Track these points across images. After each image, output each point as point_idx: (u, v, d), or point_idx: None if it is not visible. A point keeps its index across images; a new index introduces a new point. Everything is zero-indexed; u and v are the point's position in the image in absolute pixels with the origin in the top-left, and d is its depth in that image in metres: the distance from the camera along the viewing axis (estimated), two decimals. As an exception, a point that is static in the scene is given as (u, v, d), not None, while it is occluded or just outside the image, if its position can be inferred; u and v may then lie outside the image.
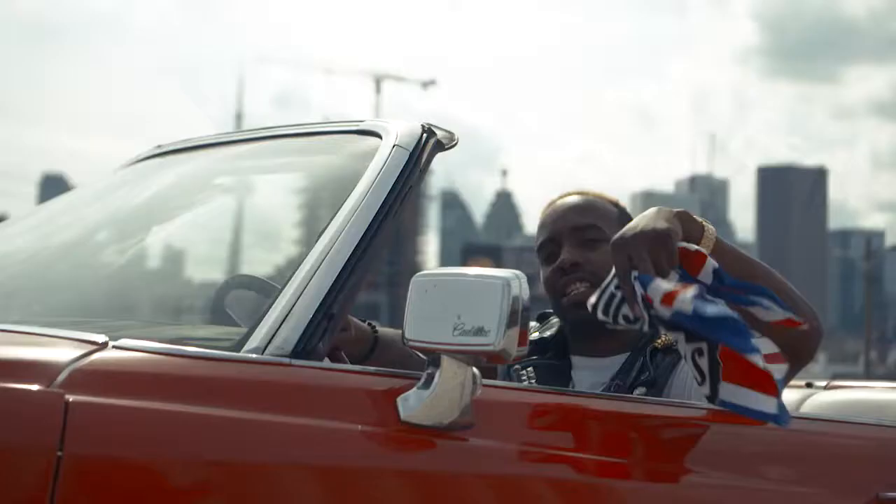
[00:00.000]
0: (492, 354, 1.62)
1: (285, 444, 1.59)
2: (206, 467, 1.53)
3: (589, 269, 2.40)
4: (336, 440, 1.62)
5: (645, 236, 1.95)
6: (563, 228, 2.46)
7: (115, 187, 2.52)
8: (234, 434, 1.55)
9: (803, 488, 2.08)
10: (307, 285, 1.73)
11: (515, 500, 1.77)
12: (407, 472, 1.68)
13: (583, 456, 1.84)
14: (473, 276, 1.65)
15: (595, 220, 2.46)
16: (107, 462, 1.47)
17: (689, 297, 1.83)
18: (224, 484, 1.55)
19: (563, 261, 2.42)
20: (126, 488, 1.47)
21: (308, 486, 1.60)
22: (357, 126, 2.11)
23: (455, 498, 1.72)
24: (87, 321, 1.86)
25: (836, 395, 3.19)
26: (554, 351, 2.50)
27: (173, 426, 1.52)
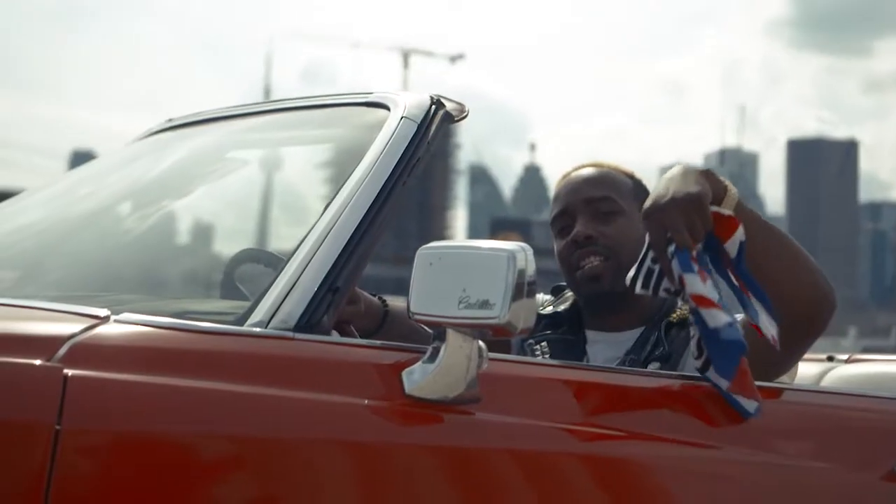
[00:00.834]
0: (497, 327, 1.60)
1: (288, 418, 1.57)
2: (207, 442, 1.52)
3: (603, 243, 2.38)
4: (340, 414, 1.61)
5: (679, 203, 1.93)
6: (576, 201, 2.44)
7: (126, 161, 2.52)
8: (236, 408, 1.54)
9: (818, 462, 2.06)
10: (312, 258, 1.71)
11: (522, 475, 1.75)
12: (412, 446, 1.67)
13: (592, 430, 1.82)
14: (478, 248, 1.64)
15: (609, 193, 2.44)
16: (105, 436, 1.45)
17: (722, 322, 1.87)
18: (226, 458, 1.54)
19: (577, 234, 2.39)
20: (125, 463, 1.46)
21: (311, 460, 1.58)
22: (366, 98, 2.10)
23: (461, 472, 1.70)
24: (93, 295, 1.85)
25: (858, 368, 3.15)
26: (568, 325, 2.48)
27: (173, 400, 1.50)
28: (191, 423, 1.51)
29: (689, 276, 1.89)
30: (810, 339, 2.18)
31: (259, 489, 1.54)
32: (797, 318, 2.09)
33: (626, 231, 2.40)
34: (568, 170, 2.55)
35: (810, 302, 2.13)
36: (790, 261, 2.11)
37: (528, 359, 2.23)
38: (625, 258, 2.37)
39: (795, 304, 2.07)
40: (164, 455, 1.48)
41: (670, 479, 1.90)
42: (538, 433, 1.76)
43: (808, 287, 2.12)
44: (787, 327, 2.05)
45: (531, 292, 1.62)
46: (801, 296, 2.10)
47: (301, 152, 2.45)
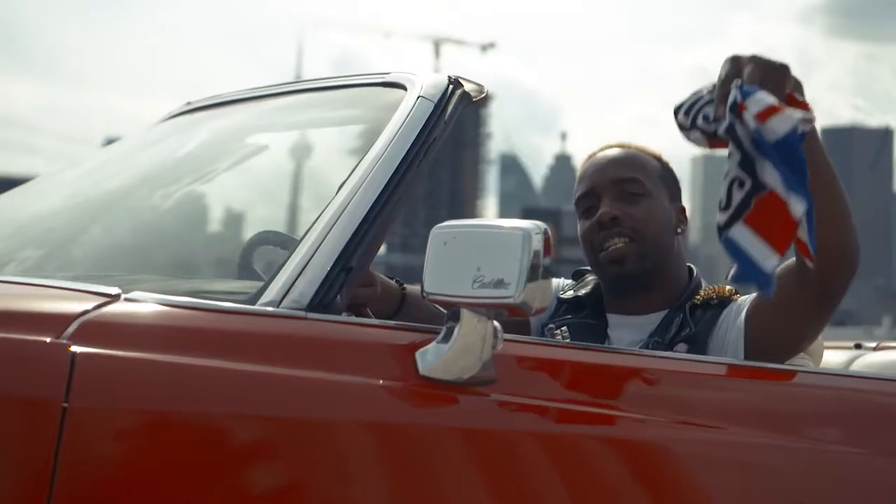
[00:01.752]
0: (512, 307, 1.58)
1: (300, 398, 1.56)
2: (217, 421, 1.50)
3: (628, 224, 2.35)
4: (353, 394, 1.59)
5: (765, 62, 1.90)
6: (602, 181, 2.41)
7: (147, 144, 2.51)
8: (246, 388, 1.52)
9: (844, 447, 2.04)
10: (325, 237, 1.69)
11: (538, 457, 1.73)
12: (426, 427, 1.65)
13: (608, 412, 1.80)
14: (493, 227, 1.62)
15: (636, 174, 2.41)
16: (113, 414, 1.44)
17: (796, 117, 1.81)
18: (236, 438, 1.52)
19: (602, 214, 2.36)
20: (132, 441, 1.45)
21: (324, 440, 1.56)
22: (383, 78, 2.08)
23: (476, 454, 1.68)
24: (109, 275, 1.85)
25: (886, 355, 3.11)
26: (590, 309, 2.45)
27: (183, 379, 1.49)
28: (200, 403, 1.49)
29: (756, 96, 1.84)
30: (831, 298, 2.12)
31: (270, 469, 1.53)
32: (825, 264, 2.02)
33: (652, 213, 2.37)
34: (594, 150, 2.52)
35: (842, 250, 2.06)
36: (836, 202, 2.05)
37: (545, 339, 2.20)
38: (650, 241, 2.35)
39: (828, 247, 2.01)
40: (171, 434, 1.47)
41: (692, 463, 1.88)
42: (554, 415, 1.74)
43: (844, 234, 2.06)
44: (810, 281, 2.03)
45: (547, 271, 1.60)
46: (836, 240, 2.04)
47: (319, 134, 2.44)
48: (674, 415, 1.87)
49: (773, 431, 1.94)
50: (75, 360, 1.42)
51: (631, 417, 1.81)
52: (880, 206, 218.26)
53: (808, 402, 2.08)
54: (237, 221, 2.55)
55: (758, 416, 1.96)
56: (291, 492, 1.54)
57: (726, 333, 2.24)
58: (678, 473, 1.87)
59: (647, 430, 1.82)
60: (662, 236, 2.39)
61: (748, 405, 1.98)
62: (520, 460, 1.71)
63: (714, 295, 2.34)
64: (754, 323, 2.21)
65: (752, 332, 2.20)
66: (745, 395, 2.03)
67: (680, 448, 1.86)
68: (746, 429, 1.92)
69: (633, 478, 1.82)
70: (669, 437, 1.85)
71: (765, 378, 2.08)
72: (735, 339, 2.22)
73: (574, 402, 1.77)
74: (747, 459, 1.91)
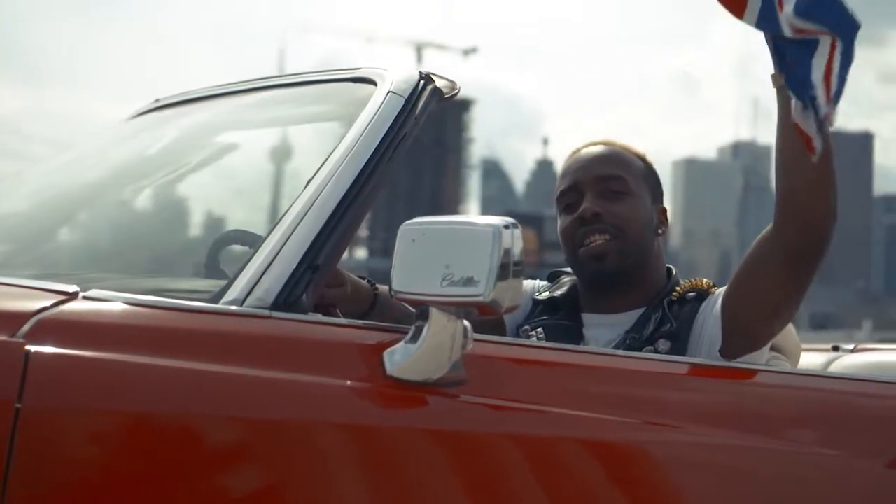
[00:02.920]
0: (482, 305, 1.54)
1: (263, 398, 1.52)
2: (175, 422, 1.46)
3: (610, 221, 2.32)
4: (318, 395, 1.55)
5: None
6: (586, 178, 2.38)
7: (114, 142, 2.47)
8: (207, 388, 1.48)
9: (822, 449, 2.01)
10: (291, 235, 1.66)
11: (509, 460, 1.69)
12: (394, 428, 1.61)
13: (581, 414, 1.76)
14: (462, 223, 1.58)
15: (620, 172, 2.38)
16: (68, 415, 1.40)
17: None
18: (196, 439, 1.48)
19: (585, 210, 2.33)
20: (88, 442, 1.41)
21: (287, 442, 1.52)
22: (353, 74, 2.04)
23: (445, 456, 1.65)
24: (70, 273, 1.80)
25: (864, 357, 3.09)
26: (565, 310, 2.42)
27: (141, 379, 1.45)
28: (159, 403, 1.45)
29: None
30: (803, 261, 2.09)
31: (232, 470, 1.49)
32: (796, 220, 2.03)
33: (634, 212, 2.35)
34: (579, 146, 2.49)
35: (815, 208, 2.05)
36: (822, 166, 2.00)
37: (516, 340, 2.17)
38: (631, 239, 2.32)
39: (800, 204, 2.03)
40: (129, 435, 1.43)
41: (665, 466, 1.85)
42: (525, 416, 1.71)
43: (819, 193, 2.04)
44: (782, 244, 2.04)
45: (518, 268, 1.56)
46: (810, 198, 2.04)
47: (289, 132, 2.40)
48: (646, 416, 1.84)
49: (747, 433, 1.91)
50: (30, 360, 1.38)
51: (603, 419, 1.78)
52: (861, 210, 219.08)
53: (784, 404, 2.05)
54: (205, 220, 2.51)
55: (732, 417, 1.93)
56: (254, 494, 1.50)
57: (703, 325, 2.22)
58: (650, 475, 1.83)
59: (620, 432, 1.79)
60: (643, 235, 2.36)
61: (722, 406, 1.95)
62: (490, 462, 1.67)
63: (691, 288, 2.32)
64: (729, 303, 2.19)
65: (728, 313, 2.18)
66: (720, 395, 2.00)
67: (653, 450, 1.83)
68: (720, 430, 1.89)
69: (605, 480, 1.78)
70: (642, 438, 1.82)
71: (740, 378, 2.06)
72: (712, 327, 2.20)
73: (545, 403, 1.74)
74: (720, 461, 1.89)
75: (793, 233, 2.05)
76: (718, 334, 2.17)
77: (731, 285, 2.22)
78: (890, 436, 2.05)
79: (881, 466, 2.00)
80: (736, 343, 2.15)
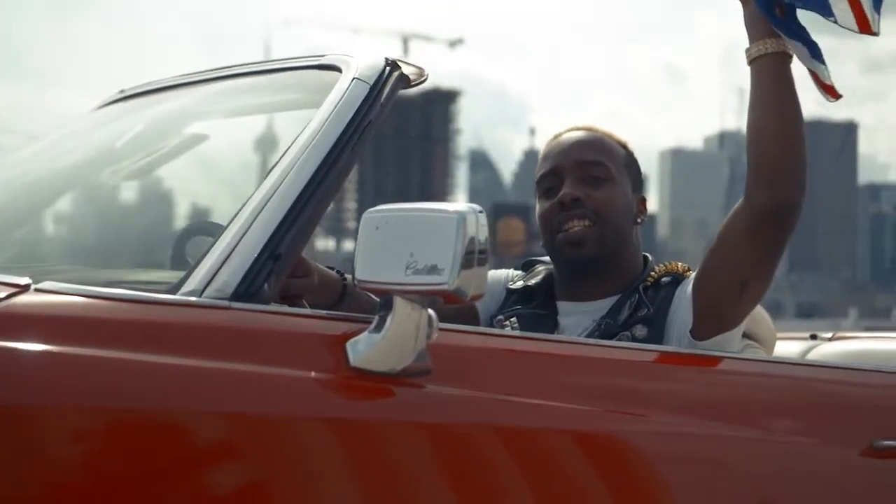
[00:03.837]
0: (446, 294, 1.52)
1: (223, 391, 1.48)
2: (131, 417, 1.42)
3: (590, 207, 2.29)
4: (280, 387, 1.52)
5: None
6: (567, 162, 2.35)
7: (78, 134, 2.43)
8: (164, 381, 1.45)
9: (796, 437, 2.00)
10: (252, 224, 1.62)
11: (475, 451, 1.66)
12: (358, 420, 1.58)
13: (551, 403, 1.73)
14: (426, 210, 1.55)
15: (602, 158, 2.35)
16: (18, 411, 1.36)
17: None
18: (152, 434, 1.43)
19: (565, 195, 2.30)
20: (39, 438, 1.36)
21: (247, 436, 1.49)
22: (318, 61, 2.01)
23: (411, 448, 1.61)
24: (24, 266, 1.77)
25: (842, 345, 3.07)
26: (540, 299, 2.39)
27: (95, 373, 1.41)
28: (114, 397, 1.41)
29: None
30: (769, 230, 2.09)
31: (190, 465, 1.45)
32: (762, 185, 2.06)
33: (614, 199, 2.32)
34: (560, 130, 2.46)
35: (788, 175, 2.07)
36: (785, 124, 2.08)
37: (483, 329, 2.13)
38: (610, 226, 2.29)
39: (768, 167, 2.07)
40: (82, 430, 1.39)
41: (635, 455, 1.83)
42: (493, 406, 1.68)
43: (786, 158, 2.08)
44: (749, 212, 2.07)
45: (483, 255, 1.53)
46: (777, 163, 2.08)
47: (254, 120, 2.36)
48: (618, 405, 1.81)
49: (721, 421, 1.89)
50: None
51: (572, 408, 1.75)
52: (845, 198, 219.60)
53: (758, 392, 2.03)
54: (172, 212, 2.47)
55: (705, 405, 1.91)
56: (214, 488, 1.46)
57: (677, 307, 2.20)
58: (623, 465, 1.81)
59: (590, 422, 1.76)
60: (623, 223, 2.33)
61: (695, 395, 1.94)
62: (456, 453, 1.64)
63: (666, 272, 2.29)
64: (699, 283, 2.18)
65: (698, 292, 2.17)
66: (693, 384, 1.98)
67: (625, 439, 1.81)
68: (693, 419, 1.87)
69: (575, 471, 1.76)
70: (614, 428, 1.79)
71: (713, 366, 2.04)
72: (685, 308, 2.18)
73: (513, 393, 1.71)
74: (694, 450, 1.87)
75: (763, 196, 2.06)
76: (690, 315, 2.15)
77: (701, 264, 2.20)
78: (863, 424, 2.04)
79: (855, 454, 1.99)
80: (707, 323, 2.13)
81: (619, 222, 2.32)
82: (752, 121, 2.10)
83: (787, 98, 2.09)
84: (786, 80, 2.10)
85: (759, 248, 2.09)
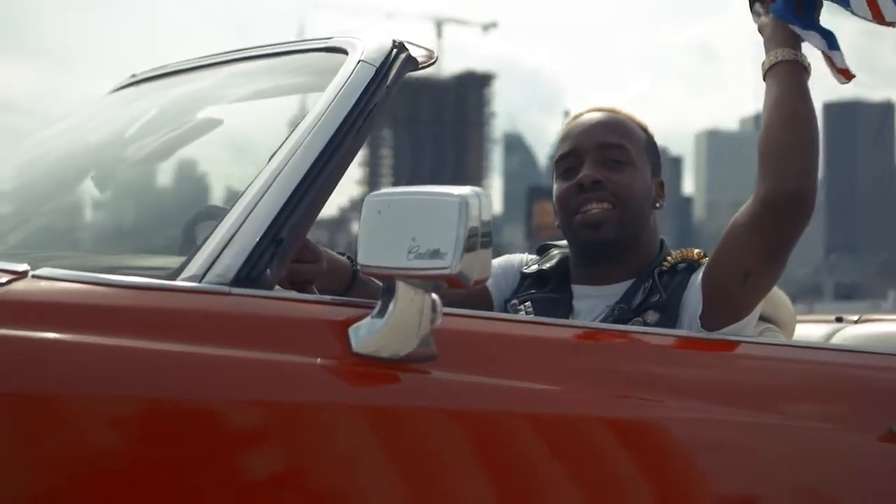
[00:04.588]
0: (449, 278, 1.49)
1: (223, 378, 1.46)
2: (130, 405, 1.40)
3: (611, 189, 2.26)
4: (281, 374, 1.50)
5: None
6: (587, 144, 2.32)
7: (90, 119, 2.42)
8: (163, 368, 1.43)
9: (812, 422, 1.96)
10: (255, 208, 1.60)
11: (482, 437, 1.64)
12: (360, 407, 1.56)
13: (554, 388, 1.71)
14: (428, 194, 1.52)
15: (623, 141, 2.32)
16: (15, 398, 1.34)
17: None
18: (152, 422, 1.42)
19: (584, 177, 2.28)
20: (36, 426, 1.35)
21: (249, 423, 1.47)
22: (325, 43, 1.99)
23: (416, 434, 1.59)
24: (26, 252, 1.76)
25: (867, 328, 3.02)
26: (555, 283, 2.36)
27: (93, 360, 1.39)
28: (113, 385, 1.39)
29: None
30: (774, 230, 2.08)
31: (189, 453, 1.43)
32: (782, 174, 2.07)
33: (634, 182, 2.30)
34: (581, 111, 2.43)
35: (800, 164, 2.08)
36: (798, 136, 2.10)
37: (489, 313, 2.11)
38: (629, 210, 2.27)
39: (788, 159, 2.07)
40: (80, 418, 1.37)
41: (647, 441, 1.80)
42: (498, 393, 1.65)
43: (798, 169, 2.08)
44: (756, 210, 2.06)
45: (487, 239, 1.50)
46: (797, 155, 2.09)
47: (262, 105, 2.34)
48: (631, 391, 1.79)
49: (736, 406, 1.87)
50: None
51: (588, 395, 1.73)
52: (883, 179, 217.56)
53: (775, 376, 2.00)
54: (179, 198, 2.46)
55: (720, 390, 1.88)
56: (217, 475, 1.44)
57: (689, 294, 2.17)
58: (634, 452, 1.78)
59: (600, 408, 1.74)
60: (642, 207, 2.31)
61: (710, 379, 1.91)
62: (462, 440, 1.62)
63: (682, 259, 2.26)
64: (709, 270, 2.16)
65: (707, 280, 2.15)
66: (707, 369, 1.95)
67: (636, 425, 1.78)
68: (707, 404, 1.84)
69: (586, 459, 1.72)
70: (625, 413, 1.77)
71: (729, 350, 2.01)
72: (695, 295, 2.15)
73: (521, 379, 1.68)
74: (708, 436, 1.84)
75: (767, 186, 2.06)
76: (700, 303, 2.12)
77: (711, 254, 2.17)
78: (882, 408, 2.00)
79: (873, 440, 1.95)
80: (715, 312, 2.10)
81: (638, 206, 2.30)
82: (764, 122, 2.13)
83: (799, 102, 2.11)
84: (797, 85, 2.13)
85: (762, 239, 2.07)
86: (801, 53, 2.17)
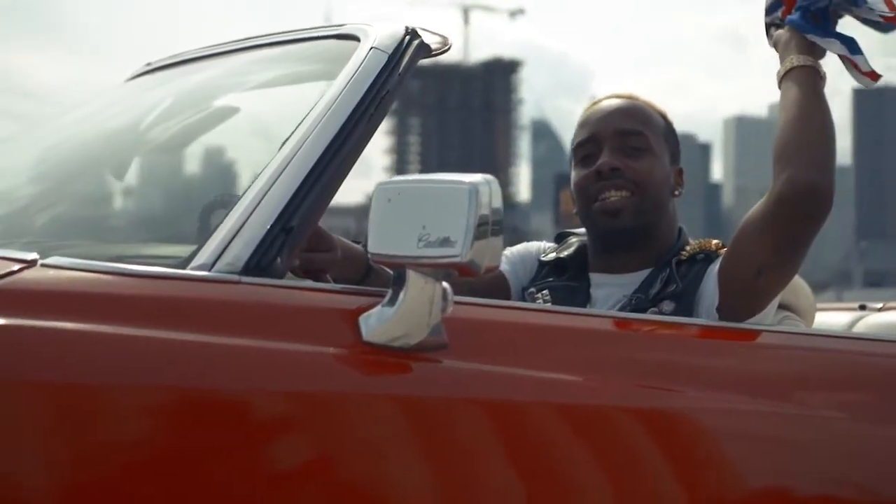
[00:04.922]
0: (460, 266, 1.47)
1: (232, 368, 1.45)
2: (139, 394, 1.39)
3: (629, 177, 2.25)
4: (291, 363, 1.49)
5: None
6: (606, 130, 2.30)
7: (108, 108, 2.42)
8: (172, 358, 1.42)
9: (833, 412, 1.94)
10: (265, 196, 1.59)
11: (494, 426, 1.63)
12: (371, 395, 1.54)
13: (568, 378, 1.69)
14: (438, 182, 1.51)
15: (643, 128, 2.31)
16: (25, 387, 1.34)
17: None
18: (161, 412, 1.41)
19: (603, 164, 2.26)
20: (45, 416, 1.34)
21: (259, 413, 1.47)
22: (337, 30, 1.98)
23: (428, 423, 1.58)
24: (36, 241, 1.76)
25: (891, 316, 2.99)
26: (573, 271, 2.35)
27: (103, 350, 1.38)
28: (122, 375, 1.39)
29: None
30: (788, 228, 2.04)
31: (201, 443, 1.42)
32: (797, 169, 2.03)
33: (653, 170, 2.28)
34: (600, 97, 2.42)
35: (817, 159, 2.05)
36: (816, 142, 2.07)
37: (502, 302, 2.10)
38: (649, 197, 2.25)
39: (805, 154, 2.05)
40: (90, 408, 1.37)
41: (663, 432, 1.77)
42: (513, 382, 1.64)
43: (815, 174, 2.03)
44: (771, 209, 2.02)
45: (497, 227, 1.49)
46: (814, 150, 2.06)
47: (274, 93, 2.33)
48: (647, 380, 1.77)
49: (756, 396, 1.84)
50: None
51: (603, 384, 1.71)
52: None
53: (793, 365, 1.97)
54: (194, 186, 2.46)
55: (740, 380, 1.85)
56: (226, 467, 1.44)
57: (706, 285, 2.15)
58: (650, 441, 1.76)
59: (615, 397, 1.72)
60: (661, 195, 2.29)
61: (727, 369, 1.88)
62: (472, 429, 1.61)
63: (700, 249, 2.24)
64: (725, 262, 2.14)
65: (723, 272, 2.12)
66: (725, 358, 1.93)
67: (653, 415, 1.76)
68: (725, 394, 1.82)
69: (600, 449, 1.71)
70: (641, 403, 1.75)
71: (748, 340, 1.99)
72: (712, 287, 2.13)
73: (534, 367, 1.67)
74: (726, 425, 1.82)
75: (780, 180, 2.02)
76: (716, 294, 2.10)
77: (728, 245, 2.16)
78: None
79: (892, 430, 1.93)
80: (731, 304, 2.08)
81: (657, 194, 2.28)
82: (779, 124, 2.12)
83: (814, 101, 2.10)
84: (813, 86, 2.13)
85: (774, 235, 2.04)
86: (816, 61, 2.16)
